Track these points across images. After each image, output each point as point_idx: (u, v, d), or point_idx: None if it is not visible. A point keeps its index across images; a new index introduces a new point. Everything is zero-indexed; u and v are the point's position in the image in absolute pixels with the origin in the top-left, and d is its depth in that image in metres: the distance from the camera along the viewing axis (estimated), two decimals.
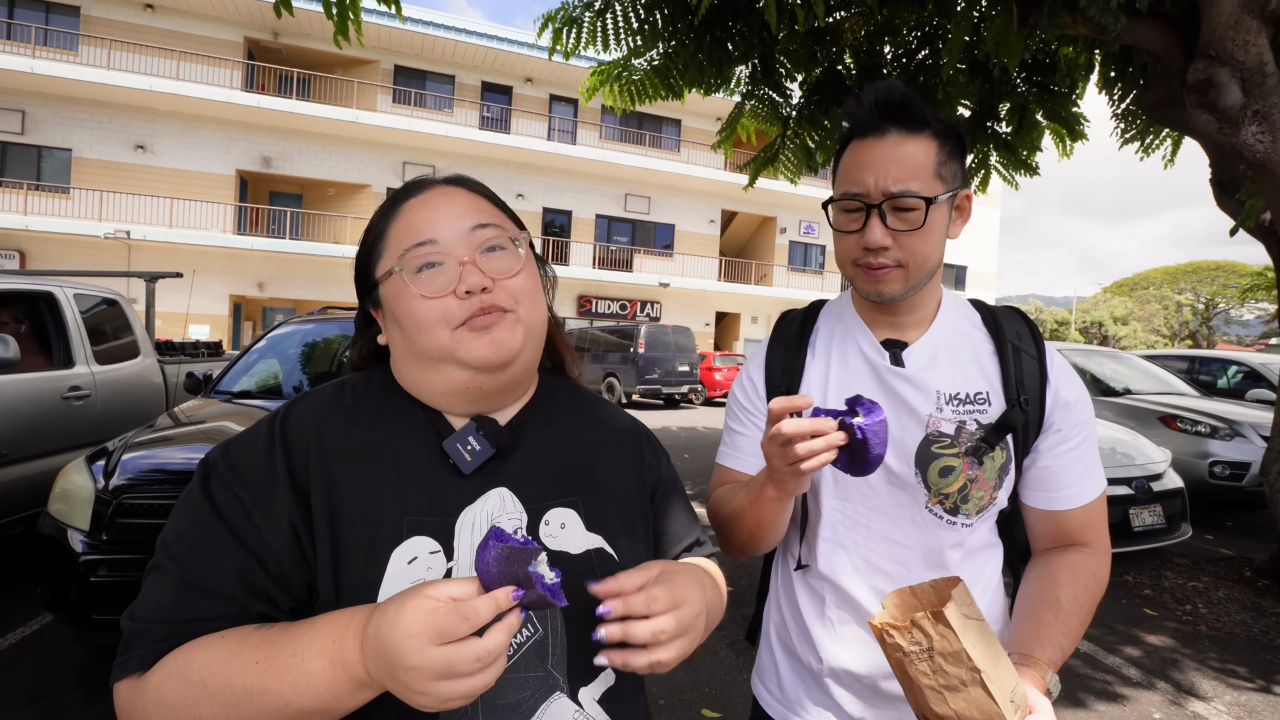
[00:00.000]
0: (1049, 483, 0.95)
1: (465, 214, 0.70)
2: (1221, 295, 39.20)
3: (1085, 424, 0.96)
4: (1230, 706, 2.86)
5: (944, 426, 0.93)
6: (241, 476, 0.63)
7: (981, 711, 0.64)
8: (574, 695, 0.66)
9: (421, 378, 0.70)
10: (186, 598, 0.58)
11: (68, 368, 3.85)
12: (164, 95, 15.90)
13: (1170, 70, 3.69)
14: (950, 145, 0.90)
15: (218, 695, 0.53)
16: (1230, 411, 5.98)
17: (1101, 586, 0.94)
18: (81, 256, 15.62)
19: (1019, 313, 1.02)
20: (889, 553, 0.95)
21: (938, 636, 0.64)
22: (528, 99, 21.06)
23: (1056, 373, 0.95)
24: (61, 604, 2.49)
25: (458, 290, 0.66)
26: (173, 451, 2.79)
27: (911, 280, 0.91)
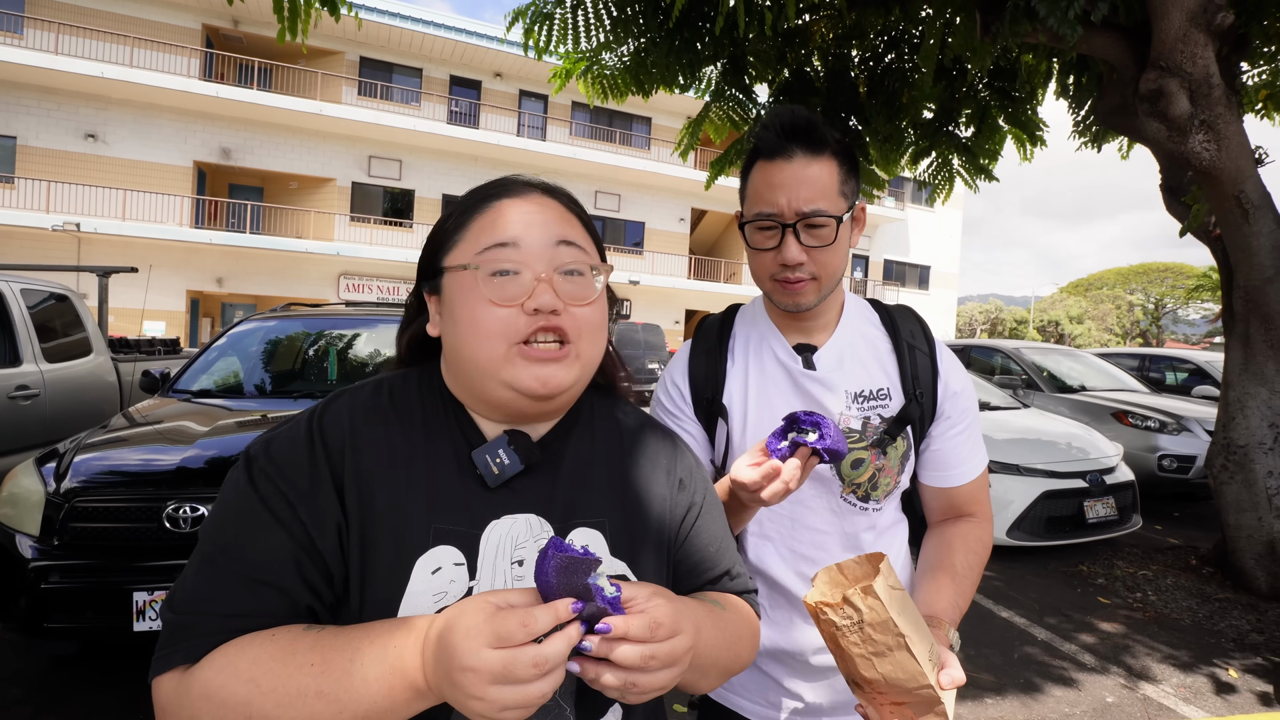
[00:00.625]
0: (941, 463, 1.07)
1: (554, 226, 0.67)
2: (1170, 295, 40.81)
3: (970, 410, 1.07)
4: (1177, 688, 2.99)
5: (853, 423, 1.02)
6: (284, 472, 0.62)
7: (905, 671, 0.71)
8: None
9: (464, 383, 0.69)
10: (237, 590, 0.58)
11: (14, 366, 3.70)
12: (116, 83, 15.31)
13: (1124, 79, 3.83)
14: (848, 164, 0.98)
15: (270, 695, 0.53)
16: (1178, 407, 6.25)
17: (987, 550, 1.06)
18: (28, 249, 14.95)
19: (912, 311, 1.13)
20: (811, 540, 1.04)
21: (867, 609, 0.69)
22: (497, 94, 20.85)
23: (945, 366, 1.06)
24: (9, 612, 2.39)
25: (526, 305, 0.63)
26: (128, 453, 2.70)
27: (823, 290, 0.99)
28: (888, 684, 0.73)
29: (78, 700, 2.57)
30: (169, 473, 2.53)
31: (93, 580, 2.36)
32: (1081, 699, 2.90)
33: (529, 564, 0.64)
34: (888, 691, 0.74)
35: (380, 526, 0.62)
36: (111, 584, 2.36)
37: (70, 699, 2.59)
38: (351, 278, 18.33)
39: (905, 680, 0.72)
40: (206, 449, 2.67)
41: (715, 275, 24.50)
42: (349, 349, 4.06)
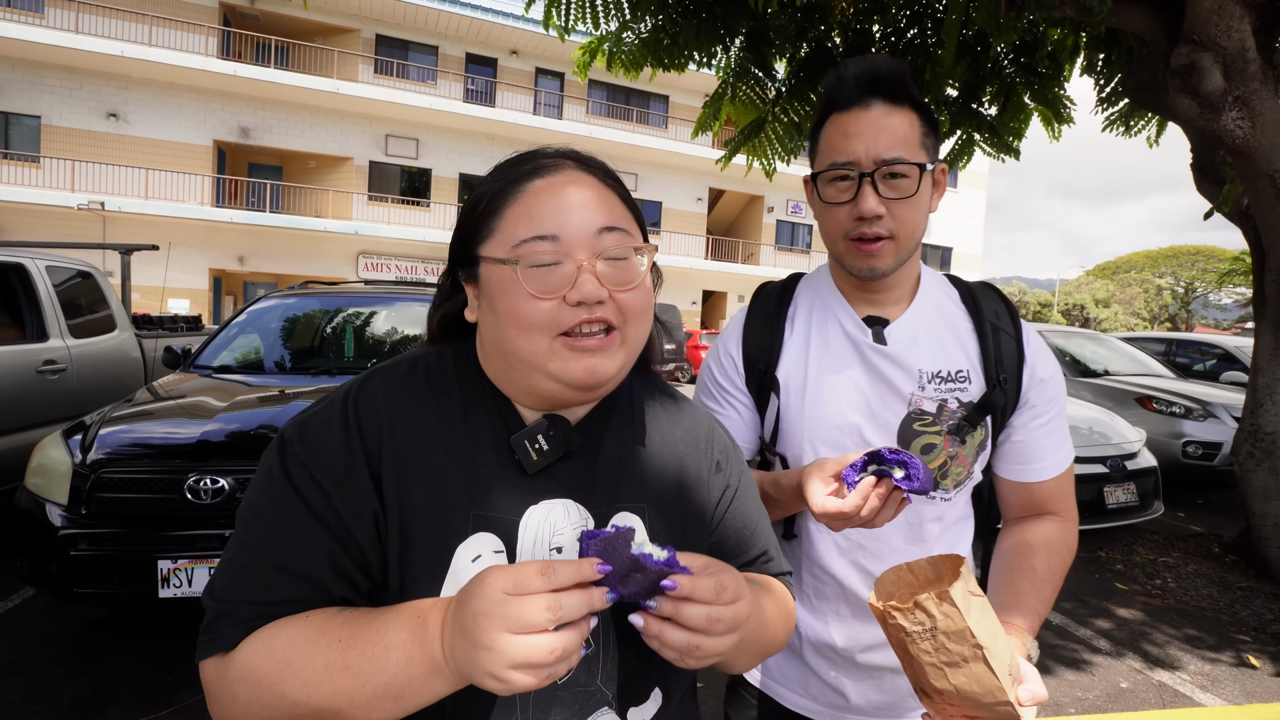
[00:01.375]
0: (1023, 456, 0.98)
1: (595, 211, 0.63)
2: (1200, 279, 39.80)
3: (1058, 400, 0.99)
4: (1195, 676, 2.97)
5: (925, 405, 0.94)
6: (318, 459, 0.61)
7: (981, 685, 0.66)
8: (622, 713, 0.65)
9: (505, 371, 0.66)
10: (271, 579, 0.58)
11: (41, 341, 3.77)
12: (136, 62, 15.41)
13: (1154, 55, 3.70)
14: (927, 120, 0.91)
15: (300, 673, 0.53)
16: (1204, 393, 6.12)
17: (1072, 554, 0.98)
18: (54, 228, 15.22)
19: (995, 290, 1.03)
20: (871, 530, 0.95)
21: (941, 616, 0.64)
22: (513, 72, 20.70)
23: (1033, 351, 0.97)
24: (42, 578, 2.47)
25: (569, 296, 0.60)
26: (152, 426, 2.76)
27: (901, 254, 0.91)
28: (960, 696, 0.67)
29: (108, 661, 2.67)
30: (190, 445, 2.58)
31: (119, 548, 2.43)
32: (1095, 684, 2.89)
33: (568, 550, 0.64)
34: (960, 704, 0.68)
35: (419, 514, 0.60)
36: (137, 552, 2.42)
37: (101, 659, 2.68)
38: (370, 257, 18.45)
39: (980, 694, 0.66)
40: (227, 423, 2.72)
41: (733, 256, 24.31)
42: (366, 327, 4.10)
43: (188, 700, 2.43)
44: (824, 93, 0.93)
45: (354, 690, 0.52)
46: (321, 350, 3.98)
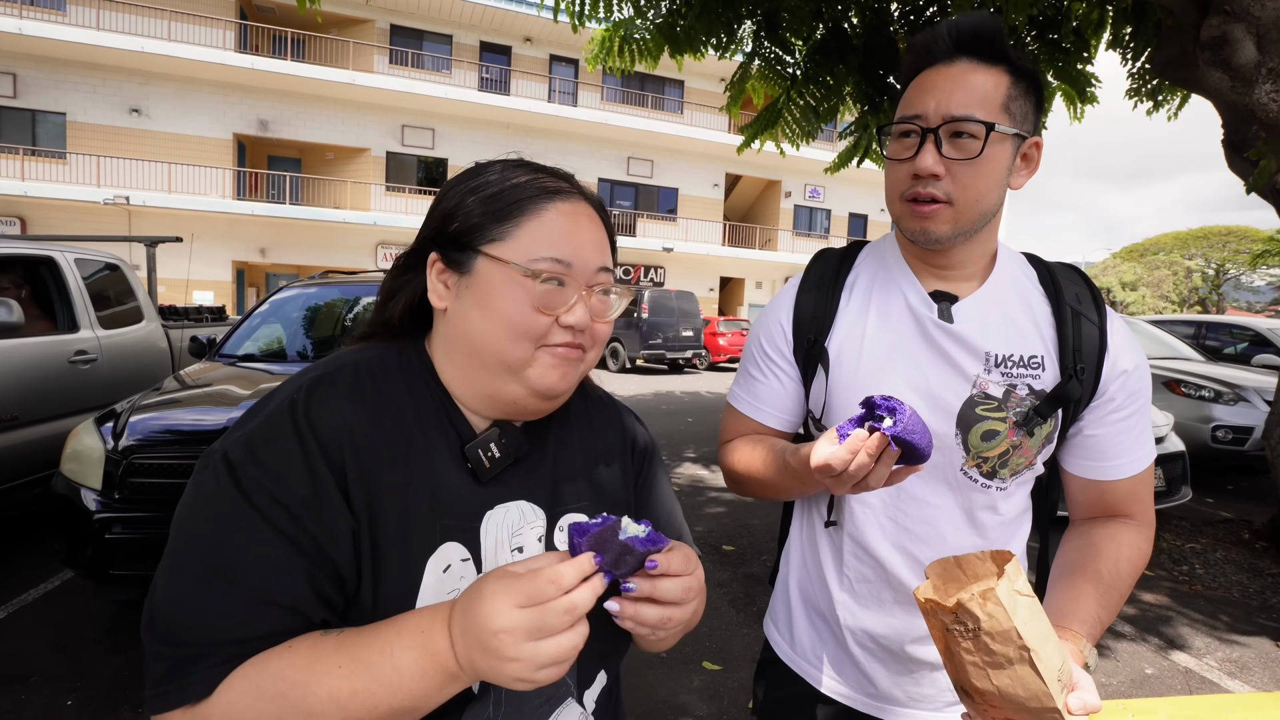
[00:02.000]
0: (1097, 452, 0.91)
1: (598, 251, 0.69)
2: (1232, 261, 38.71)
3: (1141, 393, 0.91)
4: (1222, 662, 2.93)
5: (991, 389, 0.88)
6: (280, 480, 0.57)
7: (1027, 689, 0.63)
8: (580, 699, 0.69)
9: (470, 370, 0.67)
10: (247, 615, 0.55)
11: (72, 332, 3.86)
12: (156, 57, 15.60)
13: (1184, 27, 3.59)
14: (1025, 84, 0.83)
15: (301, 705, 0.52)
16: (1235, 376, 5.98)
17: (1144, 560, 0.90)
18: (82, 222, 15.54)
19: (1078, 272, 0.95)
20: (918, 513, 0.91)
21: (985, 616, 0.62)
22: (527, 59, 20.63)
23: (1116, 340, 0.89)
24: (79, 560, 2.55)
25: (563, 318, 0.65)
26: (180, 414, 2.82)
27: (961, 222, 0.84)
28: (1003, 698, 0.65)
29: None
30: (217, 432, 2.64)
31: (151, 531, 2.50)
32: (1119, 669, 2.86)
33: (528, 549, 0.67)
34: (1002, 706, 0.65)
35: (389, 530, 0.60)
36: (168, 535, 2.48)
37: (136, 640, 2.76)
38: (389, 247, 18.60)
39: (1025, 698, 0.64)
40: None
41: (750, 242, 24.14)
42: None
43: None
44: (916, 49, 0.87)
45: (366, 713, 0.52)
46: (342, 338, 4.03)
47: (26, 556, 3.56)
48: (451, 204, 0.68)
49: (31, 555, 3.57)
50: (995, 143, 0.81)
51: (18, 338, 3.43)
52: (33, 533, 3.87)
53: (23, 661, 2.57)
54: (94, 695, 2.37)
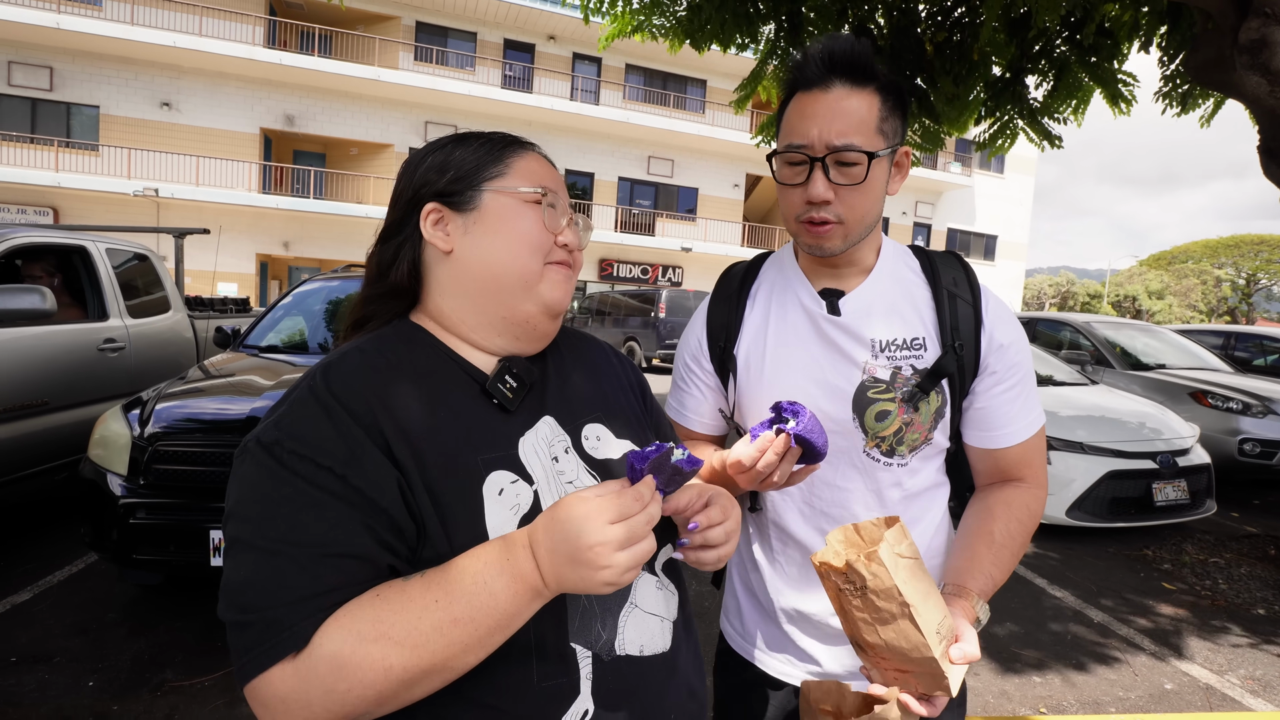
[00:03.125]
0: (986, 422, 0.99)
1: (563, 185, 0.81)
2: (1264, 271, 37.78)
3: (1020, 365, 0.99)
4: (1244, 680, 2.86)
5: (879, 373, 0.96)
6: (319, 448, 0.61)
7: (909, 641, 0.70)
8: (651, 568, 0.77)
9: (482, 302, 0.75)
10: (318, 570, 0.58)
11: (102, 320, 3.95)
12: (187, 52, 15.91)
13: (1221, 30, 3.51)
14: (892, 100, 0.91)
15: (405, 641, 0.56)
16: (1265, 389, 5.84)
17: (1034, 519, 0.99)
18: (112, 214, 15.89)
19: (957, 258, 1.05)
20: (830, 496, 0.99)
21: (870, 575, 0.69)
22: (550, 57, 20.71)
23: (991, 316, 0.98)
24: (104, 544, 2.61)
25: (559, 237, 0.77)
26: (204, 402, 2.87)
27: (851, 236, 0.93)
28: (890, 650, 0.72)
29: (164, 625, 2.80)
30: (240, 421, 2.69)
31: (175, 517, 2.55)
32: (1138, 684, 2.81)
33: (561, 460, 0.75)
34: (890, 658, 0.73)
35: (438, 474, 0.65)
36: (191, 522, 2.54)
37: (158, 623, 2.82)
38: None
39: (908, 649, 0.71)
40: (273, 400, 2.81)
41: (770, 243, 24.02)
42: None
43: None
44: (789, 71, 0.94)
45: (468, 636, 0.57)
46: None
47: (52, 540, 3.64)
48: (438, 159, 0.77)
49: (57, 539, 3.66)
50: (875, 165, 0.89)
51: (50, 325, 3.52)
52: (58, 517, 3.97)
53: (46, 642, 2.63)
54: (115, 677, 2.42)
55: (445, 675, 0.58)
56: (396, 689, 0.57)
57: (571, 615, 0.69)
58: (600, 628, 0.70)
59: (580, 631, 0.69)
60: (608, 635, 0.70)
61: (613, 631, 0.71)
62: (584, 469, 0.76)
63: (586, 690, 0.68)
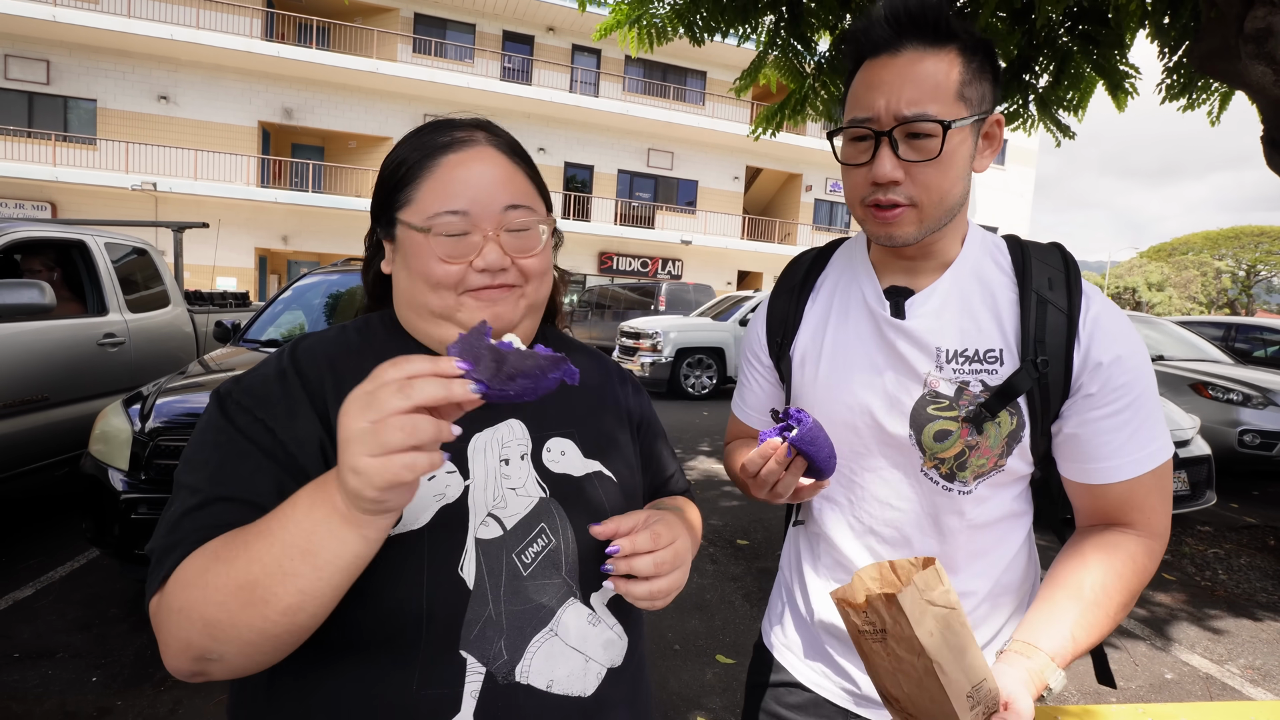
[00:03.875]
0: (1079, 453, 0.83)
1: (501, 188, 0.71)
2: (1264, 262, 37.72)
3: (1129, 387, 0.80)
4: (1244, 669, 2.88)
5: (942, 387, 0.84)
6: (261, 401, 0.65)
7: (933, 702, 0.62)
8: (586, 600, 0.71)
9: (420, 325, 0.73)
10: (216, 510, 0.59)
11: (101, 315, 3.94)
12: (185, 44, 15.82)
13: (1226, 19, 3.48)
14: (978, 61, 0.78)
15: (223, 555, 0.55)
16: (1265, 380, 5.84)
17: (1142, 575, 0.81)
18: (110, 208, 15.83)
19: (1060, 254, 0.87)
20: (881, 514, 0.90)
21: (890, 620, 0.61)
22: (550, 49, 20.61)
23: (1090, 330, 0.81)
24: (106, 539, 2.61)
25: (475, 263, 0.69)
26: (203, 397, 2.86)
27: (927, 221, 0.80)
28: (915, 706, 0.64)
29: None
30: None
31: None
32: (1138, 673, 2.82)
33: (513, 463, 0.71)
34: (916, 715, 0.65)
35: None
36: None
37: None
38: None
39: (934, 711, 0.62)
40: None
41: (769, 235, 23.98)
42: None
43: None
44: (855, 36, 0.81)
45: (264, 551, 0.52)
46: None
47: (53, 536, 3.65)
48: (380, 175, 0.75)
49: (58, 534, 3.66)
50: (954, 136, 0.77)
51: (49, 320, 3.51)
52: (59, 512, 3.97)
53: (49, 638, 2.63)
54: (118, 672, 2.43)
55: (260, 606, 0.52)
56: (216, 614, 0.53)
57: (470, 620, 0.63)
58: (503, 645, 0.64)
59: (476, 643, 0.63)
60: (510, 656, 0.64)
61: (517, 654, 0.64)
62: (535, 479, 0.72)
63: (469, 709, 0.62)
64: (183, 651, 0.55)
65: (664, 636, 2.90)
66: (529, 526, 0.69)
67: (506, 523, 0.68)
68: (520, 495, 0.70)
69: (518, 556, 0.67)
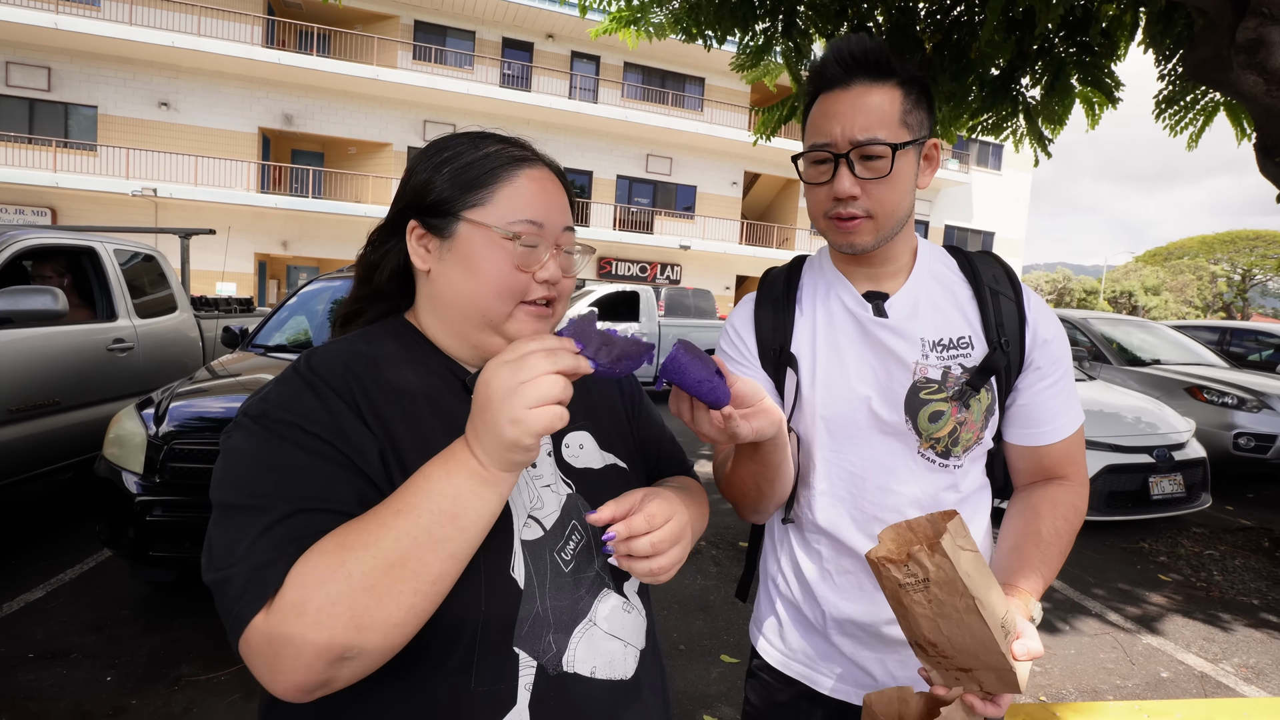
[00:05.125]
0: (1030, 419, 0.99)
1: (563, 212, 0.77)
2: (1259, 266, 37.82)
3: (1062, 360, 0.99)
4: (1238, 668, 2.92)
5: (930, 373, 0.96)
6: (306, 416, 0.63)
7: (974, 636, 0.68)
8: (619, 589, 0.76)
9: (456, 323, 0.74)
10: (302, 521, 0.58)
11: (111, 320, 3.98)
12: (186, 51, 15.87)
13: (1219, 29, 3.55)
14: (915, 94, 0.91)
15: (356, 544, 0.55)
16: (1259, 383, 5.90)
17: (1080, 516, 0.98)
18: (110, 214, 15.86)
19: (994, 257, 1.05)
20: (884, 500, 0.97)
21: (934, 567, 0.66)
22: (549, 56, 20.70)
23: (1034, 312, 0.98)
24: (119, 541, 2.65)
25: (538, 274, 0.72)
26: (217, 401, 2.91)
27: (882, 231, 0.93)
28: (954, 648, 0.69)
29: (178, 621, 2.84)
30: None
31: (190, 515, 2.59)
32: (1135, 672, 2.86)
33: (541, 463, 0.75)
34: (954, 656, 0.70)
35: (410, 452, 0.66)
36: (206, 518, 2.56)
37: (172, 619, 2.86)
38: None
39: (973, 645, 0.68)
40: None
41: (768, 240, 24.05)
42: None
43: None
44: (810, 76, 0.95)
45: (411, 525, 0.55)
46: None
47: (63, 538, 3.68)
48: (425, 176, 0.74)
49: (67, 537, 3.70)
50: (900, 157, 0.90)
51: (60, 325, 3.55)
52: (67, 515, 4.01)
53: (63, 639, 2.67)
54: (132, 672, 2.46)
55: (412, 580, 0.55)
56: (366, 601, 0.53)
57: (522, 618, 0.66)
58: (551, 639, 0.68)
59: (528, 638, 0.66)
60: (558, 648, 0.68)
61: (563, 645, 0.68)
62: (559, 476, 0.75)
63: (524, 702, 0.65)
64: (319, 657, 0.53)
65: (669, 637, 2.94)
66: (564, 524, 0.73)
67: (545, 523, 0.72)
68: (553, 492, 0.74)
69: (559, 554, 0.71)
